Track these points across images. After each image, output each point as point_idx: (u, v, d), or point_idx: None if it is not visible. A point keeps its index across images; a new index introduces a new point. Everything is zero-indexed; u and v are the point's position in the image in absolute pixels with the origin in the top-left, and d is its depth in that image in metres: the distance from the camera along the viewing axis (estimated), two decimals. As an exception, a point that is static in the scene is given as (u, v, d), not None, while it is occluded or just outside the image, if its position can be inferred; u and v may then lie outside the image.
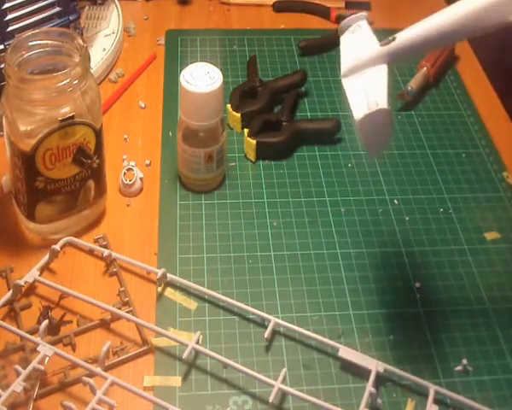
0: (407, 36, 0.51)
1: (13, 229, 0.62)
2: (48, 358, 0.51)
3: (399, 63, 0.54)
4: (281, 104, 0.73)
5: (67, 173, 0.58)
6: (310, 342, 0.55)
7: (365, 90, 0.50)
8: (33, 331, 0.54)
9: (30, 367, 0.50)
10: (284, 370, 0.51)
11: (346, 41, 0.55)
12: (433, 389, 0.51)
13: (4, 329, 0.54)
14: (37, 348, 0.52)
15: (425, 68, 0.78)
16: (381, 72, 0.51)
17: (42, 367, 0.50)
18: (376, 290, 0.59)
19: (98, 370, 0.51)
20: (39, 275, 0.58)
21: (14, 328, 0.54)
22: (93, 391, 0.49)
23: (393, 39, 0.50)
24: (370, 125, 0.49)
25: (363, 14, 0.55)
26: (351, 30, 0.55)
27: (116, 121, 0.73)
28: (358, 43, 0.53)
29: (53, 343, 0.53)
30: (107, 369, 0.52)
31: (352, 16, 0.55)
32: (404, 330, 0.56)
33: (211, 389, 0.52)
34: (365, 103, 0.49)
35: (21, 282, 0.56)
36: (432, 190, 0.67)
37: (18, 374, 0.50)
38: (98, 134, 0.59)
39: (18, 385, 0.49)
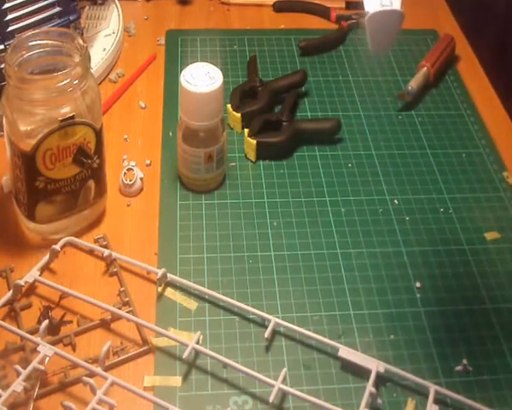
0: None
1: (13, 229, 0.62)
2: (48, 358, 0.51)
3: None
4: (281, 104, 0.73)
5: (68, 173, 0.58)
6: (310, 342, 0.55)
7: None
8: (33, 331, 0.54)
9: (30, 367, 0.50)
10: (284, 370, 0.51)
11: None
12: (433, 388, 0.51)
13: (4, 329, 0.54)
14: (38, 348, 0.51)
15: (425, 68, 0.78)
16: None
17: (42, 367, 0.50)
18: (376, 290, 0.59)
19: (98, 370, 0.51)
20: (39, 275, 0.58)
21: (14, 328, 0.54)
22: (93, 391, 0.49)
23: None
24: (380, 22, 0.48)
25: None
26: None
27: (116, 121, 0.73)
28: None
29: (53, 343, 0.53)
30: (107, 369, 0.52)
31: None
32: (404, 330, 0.56)
33: (211, 389, 0.52)
34: (379, 4, 0.47)
35: (21, 282, 0.56)
36: (432, 190, 0.67)
37: (18, 374, 0.50)
38: (98, 134, 0.59)
39: (18, 385, 0.49)
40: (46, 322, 0.53)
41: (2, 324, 0.54)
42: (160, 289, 0.58)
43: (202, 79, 0.62)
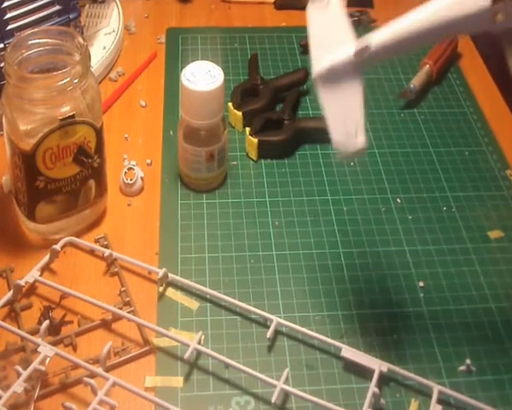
0: (383, 41, 0.47)
1: (13, 229, 0.62)
2: (48, 358, 0.51)
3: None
4: (282, 102, 0.73)
5: (68, 173, 0.58)
6: (312, 342, 0.54)
7: (345, 116, 0.48)
8: (34, 332, 0.54)
9: (31, 368, 0.50)
10: (287, 370, 0.51)
11: (315, 21, 0.50)
12: (436, 388, 0.51)
13: (5, 329, 0.53)
14: (38, 349, 0.51)
15: (428, 66, 0.78)
16: (357, 92, 0.48)
17: (43, 368, 0.50)
18: (379, 290, 0.58)
19: (99, 370, 0.51)
20: (40, 275, 0.57)
21: (14, 328, 0.54)
22: (94, 392, 0.49)
23: (368, 49, 0.47)
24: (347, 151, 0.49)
25: None
26: (318, 4, 0.50)
27: (116, 120, 0.73)
28: (330, 28, 0.49)
29: (54, 344, 0.53)
30: (108, 369, 0.52)
31: None
32: (407, 330, 0.56)
33: (213, 390, 0.51)
34: (344, 134, 0.48)
35: (22, 282, 0.56)
36: (435, 189, 0.67)
37: (19, 375, 0.49)
38: (99, 133, 0.58)
39: (19, 386, 0.49)
40: (47, 322, 0.53)
41: (2, 324, 0.54)
42: (161, 289, 0.58)
43: (203, 77, 0.61)
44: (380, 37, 0.48)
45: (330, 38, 0.49)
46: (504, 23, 0.45)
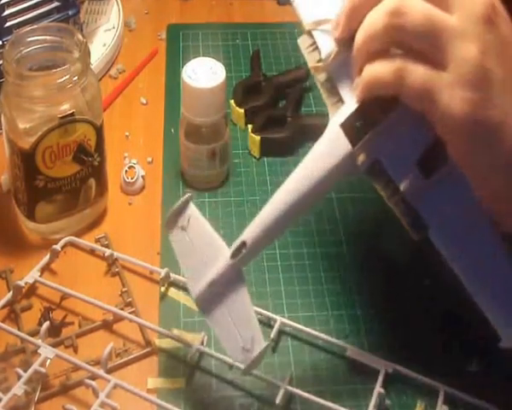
0: (257, 235, 0.45)
1: (13, 229, 0.61)
2: (49, 360, 0.50)
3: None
4: (285, 99, 0.72)
5: (68, 172, 0.57)
6: (317, 342, 0.54)
7: (234, 325, 0.45)
8: (34, 333, 0.53)
9: (31, 370, 0.49)
10: (291, 371, 0.51)
11: (179, 245, 0.48)
12: (443, 389, 0.50)
13: (5, 331, 0.53)
14: (39, 351, 0.51)
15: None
16: (243, 295, 0.46)
17: (43, 370, 0.50)
18: (384, 289, 0.58)
19: (101, 372, 0.50)
20: (40, 276, 0.57)
21: (14, 330, 0.53)
22: (96, 394, 0.48)
23: (243, 246, 0.45)
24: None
25: (187, 197, 0.48)
26: (180, 225, 0.47)
27: (117, 118, 0.72)
28: (197, 246, 0.47)
29: (54, 345, 0.52)
30: (109, 371, 0.51)
31: (176, 206, 0.48)
32: (412, 330, 0.55)
33: (216, 391, 0.51)
34: (240, 345, 0.45)
35: (22, 283, 0.55)
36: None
37: (19, 377, 0.49)
38: (99, 131, 0.58)
39: (19, 388, 0.48)
40: (47, 324, 0.52)
41: (2, 326, 0.53)
42: (163, 289, 0.57)
43: (205, 74, 0.61)
44: (253, 229, 0.45)
45: (201, 254, 0.47)
46: (366, 163, 0.43)
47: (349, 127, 0.43)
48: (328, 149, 0.44)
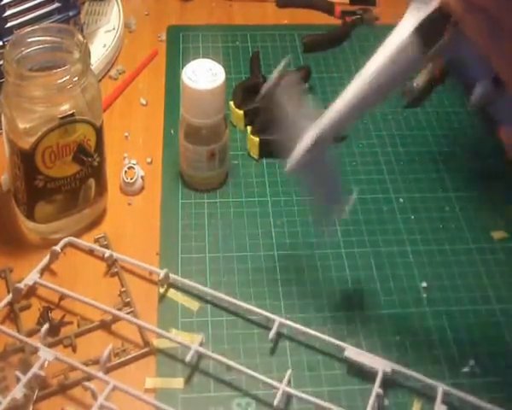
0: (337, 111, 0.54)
1: (12, 229, 0.61)
2: (48, 362, 0.50)
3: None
4: (284, 101, 0.72)
5: (67, 172, 0.58)
6: (314, 343, 0.54)
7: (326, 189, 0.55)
8: (33, 333, 0.53)
9: (30, 374, 0.49)
10: (289, 371, 0.51)
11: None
12: (441, 388, 0.50)
13: (4, 333, 0.53)
14: (38, 353, 0.51)
15: (431, 64, 0.77)
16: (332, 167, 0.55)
17: (42, 373, 0.50)
18: (382, 290, 0.58)
19: (99, 374, 0.50)
20: (40, 276, 0.57)
21: (14, 332, 0.53)
22: (94, 397, 0.48)
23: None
24: None
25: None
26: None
27: (117, 119, 0.72)
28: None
29: (53, 345, 0.53)
30: (108, 371, 0.51)
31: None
32: (410, 331, 0.55)
33: (214, 392, 0.51)
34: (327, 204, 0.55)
35: (21, 285, 0.55)
36: (438, 188, 0.66)
37: (18, 380, 0.49)
38: (99, 132, 0.58)
39: (18, 392, 0.48)
40: (46, 326, 0.52)
41: (1, 328, 0.53)
42: (162, 290, 0.57)
43: (204, 75, 0.61)
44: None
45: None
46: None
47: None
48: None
